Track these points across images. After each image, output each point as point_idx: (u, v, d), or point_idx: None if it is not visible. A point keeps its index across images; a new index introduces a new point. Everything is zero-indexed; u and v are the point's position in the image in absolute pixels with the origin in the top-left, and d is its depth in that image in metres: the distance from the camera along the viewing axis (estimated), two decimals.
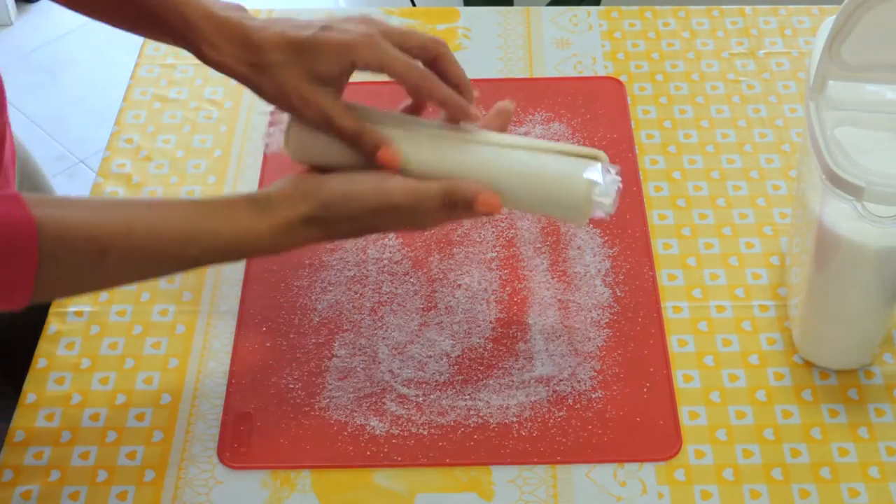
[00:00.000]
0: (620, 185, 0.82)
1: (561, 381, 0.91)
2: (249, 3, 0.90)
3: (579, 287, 0.97)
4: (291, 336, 0.94)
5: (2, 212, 0.73)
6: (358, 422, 0.89)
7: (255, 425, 0.89)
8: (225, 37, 0.83)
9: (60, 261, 0.75)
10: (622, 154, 1.07)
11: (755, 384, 0.90)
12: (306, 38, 0.80)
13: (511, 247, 1.00)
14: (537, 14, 1.23)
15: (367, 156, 0.81)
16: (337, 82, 0.81)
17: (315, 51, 0.80)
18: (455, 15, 1.24)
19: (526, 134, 1.09)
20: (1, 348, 1.09)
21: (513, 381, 0.91)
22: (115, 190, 1.07)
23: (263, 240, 0.80)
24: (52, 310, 0.97)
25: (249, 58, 0.82)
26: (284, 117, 0.84)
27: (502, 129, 0.86)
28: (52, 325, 0.96)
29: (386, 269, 0.99)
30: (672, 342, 0.93)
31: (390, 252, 1.00)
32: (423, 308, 0.96)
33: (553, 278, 0.97)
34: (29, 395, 0.91)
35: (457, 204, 0.79)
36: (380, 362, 0.92)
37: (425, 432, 0.88)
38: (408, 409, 0.89)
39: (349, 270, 0.99)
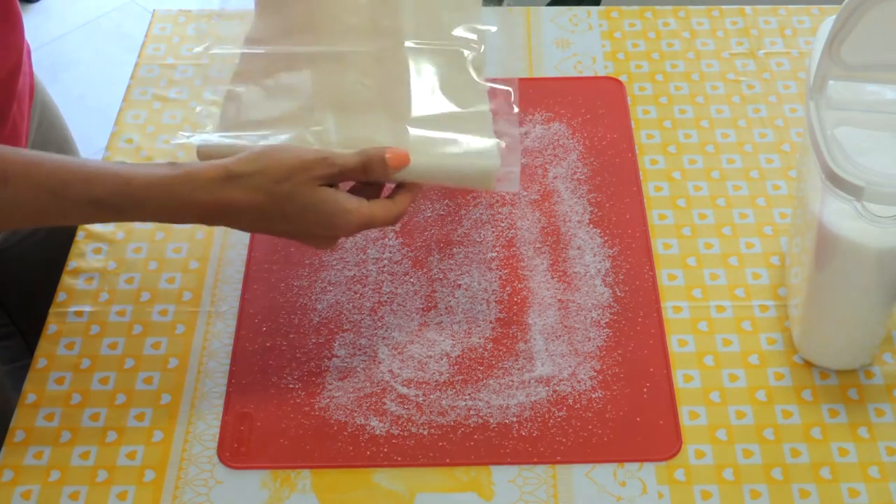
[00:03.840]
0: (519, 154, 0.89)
1: (561, 381, 0.91)
2: (248, 2, 0.90)
3: (579, 287, 0.97)
4: (291, 336, 0.94)
5: None
6: (358, 422, 0.89)
7: (255, 425, 0.89)
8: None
9: None
10: (622, 154, 1.07)
11: (755, 384, 0.90)
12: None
13: (511, 247, 1.00)
14: (537, 14, 1.23)
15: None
16: None
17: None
18: None
19: (526, 135, 1.09)
20: (13, 291, 1.13)
21: (513, 381, 0.91)
22: None
23: (177, 184, 0.78)
24: (52, 310, 0.97)
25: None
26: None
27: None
28: (52, 324, 0.96)
29: (386, 269, 0.99)
30: (672, 342, 0.93)
31: (390, 252, 1.00)
32: (423, 308, 0.96)
33: (553, 278, 0.97)
34: (29, 395, 0.91)
35: (372, 163, 0.81)
36: (380, 362, 0.92)
37: (425, 432, 0.88)
38: (408, 409, 0.89)
39: (349, 270, 0.99)
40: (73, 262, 1.01)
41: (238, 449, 0.88)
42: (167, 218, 0.81)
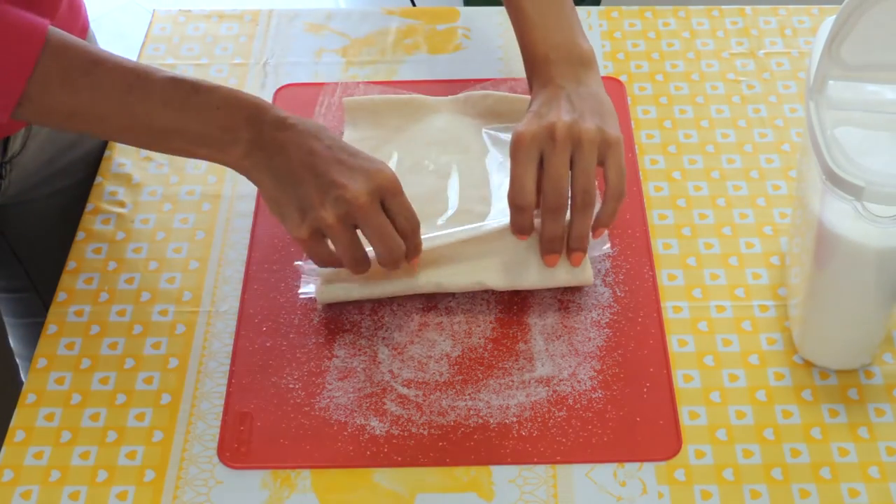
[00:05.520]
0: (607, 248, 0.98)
1: (561, 381, 0.91)
2: (248, 2, 0.90)
3: (579, 287, 0.97)
4: (291, 336, 0.94)
5: (25, 15, 0.83)
6: (358, 422, 0.89)
7: (255, 425, 0.89)
8: None
9: (59, 56, 0.83)
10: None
11: (755, 384, 0.90)
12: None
13: None
14: None
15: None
16: None
17: None
18: (455, 15, 1.24)
19: None
20: (28, 246, 1.16)
21: (513, 382, 0.91)
22: (115, 190, 1.07)
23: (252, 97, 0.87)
24: (52, 309, 0.97)
25: None
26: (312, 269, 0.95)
27: None
28: (52, 324, 0.96)
29: None
30: (672, 342, 0.93)
31: None
32: (423, 308, 0.96)
33: None
34: (29, 395, 0.91)
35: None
36: (380, 363, 0.92)
37: (425, 432, 0.88)
38: (408, 409, 0.89)
39: None
40: (72, 263, 1.01)
41: (238, 449, 0.88)
42: (230, 110, 0.85)
